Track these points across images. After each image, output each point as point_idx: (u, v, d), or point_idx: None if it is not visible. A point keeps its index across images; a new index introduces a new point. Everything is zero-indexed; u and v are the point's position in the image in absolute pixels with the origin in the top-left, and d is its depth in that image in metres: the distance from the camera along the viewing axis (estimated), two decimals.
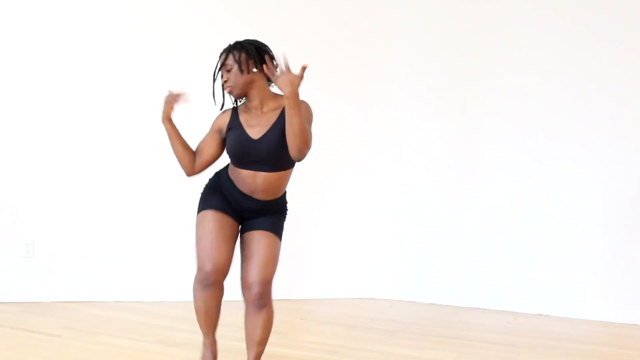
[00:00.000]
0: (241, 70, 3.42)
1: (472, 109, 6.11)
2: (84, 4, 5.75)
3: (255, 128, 3.45)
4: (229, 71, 3.43)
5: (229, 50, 3.46)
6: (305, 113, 3.42)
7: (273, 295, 3.57)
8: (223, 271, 3.46)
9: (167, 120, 3.49)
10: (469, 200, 6.10)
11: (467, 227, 6.09)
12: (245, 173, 3.45)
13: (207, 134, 3.55)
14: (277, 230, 3.52)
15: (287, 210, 3.64)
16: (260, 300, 3.44)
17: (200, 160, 3.54)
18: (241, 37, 3.87)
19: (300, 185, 6.19)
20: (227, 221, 3.49)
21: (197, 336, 4.60)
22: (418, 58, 6.29)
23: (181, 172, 3.63)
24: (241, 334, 3.70)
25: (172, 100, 3.48)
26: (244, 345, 3.65)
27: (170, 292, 5.86)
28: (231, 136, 3.47)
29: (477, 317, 5.72)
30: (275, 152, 3.42)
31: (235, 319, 3.72)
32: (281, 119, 3.43)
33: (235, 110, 3.52)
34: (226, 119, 3.52)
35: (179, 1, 5.99)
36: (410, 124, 6.32)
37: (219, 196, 3.52)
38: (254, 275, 3.42)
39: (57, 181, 5.72)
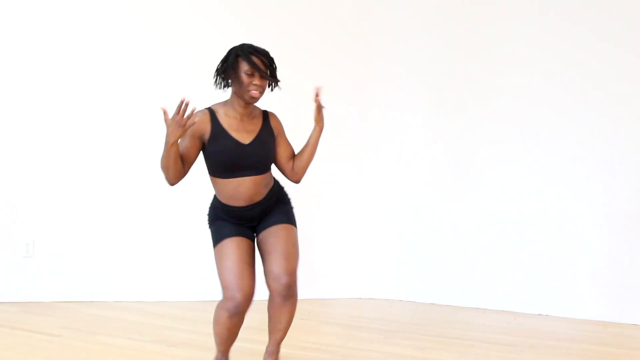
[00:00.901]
0: (269, 83, 3.51)
1: (472, 109, 6.11)
2: (84, 4, 5.76)
3: (243, 133, 3.47)
4: (262, 77, 3.44)
5: (270, 60, 3.48)
6: (281, 126, 3.64)
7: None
8: (251, 297, 3.51)
9: (175, 143, 3.34)
10: (469, 200, 6.10)
11: (467, 227, 6.09)
12: (235, 183, 3.45)
13: (187, 140, 3.44)
14: (290, 219, 3.64)
15: (288, 196, 3.75)
16: (288, 290, 3.52)
17: (186, 168, 3.47)
18: (241, 38, 3.89)
19: (300, 186, 6.20)
20: (245, 244, 3.53)
21: (197, 336, 4.63)
22: (418, 58, 6.29)
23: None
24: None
25: (184, 124, 3.29)
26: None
27: (171, 292, 5.86)
28: (217, 144, 3.44)
29: (477, 317, 5.72)
30: (266, 155, 3.52)
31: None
32: (265, 126, 3.55)
33: (213, 116, 3.49)
34: (207, 124, 3.46)
35: (179, 1, 5.99)
36: (410, 124, 6.32)
37: (229, 223, 3.56)
38: (281, 267, 3.51)
39: (57, 181, 5.72)
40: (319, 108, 3.58)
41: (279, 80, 3.53)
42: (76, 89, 5.74)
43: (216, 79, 3.53)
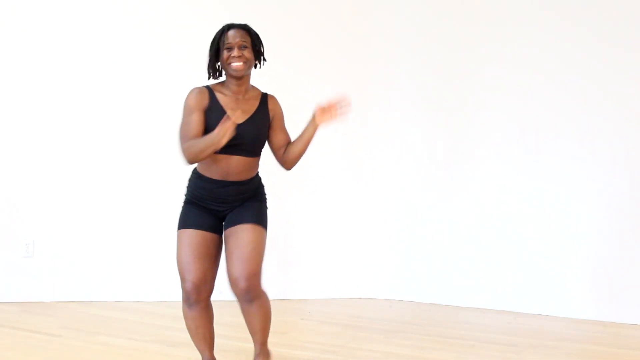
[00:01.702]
0: (255, 55, 3.50)
1: (471, 109, 6.11)
2: (84, 4, 5.76)
3: (237, 112, 3.45)
4: (244, 48, 3.45)
5: (247, 31, 3.49)
6: (279, 109, 3.60)
7: (273, 294, 3.57)
8: (202, 288, 3.49)
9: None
10: (469, 200, 6.10)
11: (467, 227, 6.09)
12: (220, 157, 3.44)
13: (195, 116, 3.45)
14: (259, 219, 3.52)
15: (265, 195, 3.66)
16: (247, 294, 3.42)
17: None
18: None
19: (301, 186, 6.20)
20: (204, 238, 3.51)
21: None
22: (418, 58, 6.29)
23: (181, 173, 3.64)
24: (241, 333, 3.70)
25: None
26: (244, 345, 3.66)
27: (170, 292, 5.84)
28: (212, 118, 3.44)
29: (477, 317, 5.72)
30: (256, 137, 3.48)
31: (235, 319, 3.72)
32: (261, 108, 3.53)
33: (211, 91, 3.51)
34: (206, 98, 3.48)
35: (179, 1, 5.99)
36: (410, 123, 6.32)
37: (196, 210, 3.55)
38: (238, 270, 3.40)
39: (57, 181, 5.72)
40: (332, 112, 3.49)
41: (262, 50, 3.53)
42: (76, 89, 5.74)
43: (209, 72, 3.57)
